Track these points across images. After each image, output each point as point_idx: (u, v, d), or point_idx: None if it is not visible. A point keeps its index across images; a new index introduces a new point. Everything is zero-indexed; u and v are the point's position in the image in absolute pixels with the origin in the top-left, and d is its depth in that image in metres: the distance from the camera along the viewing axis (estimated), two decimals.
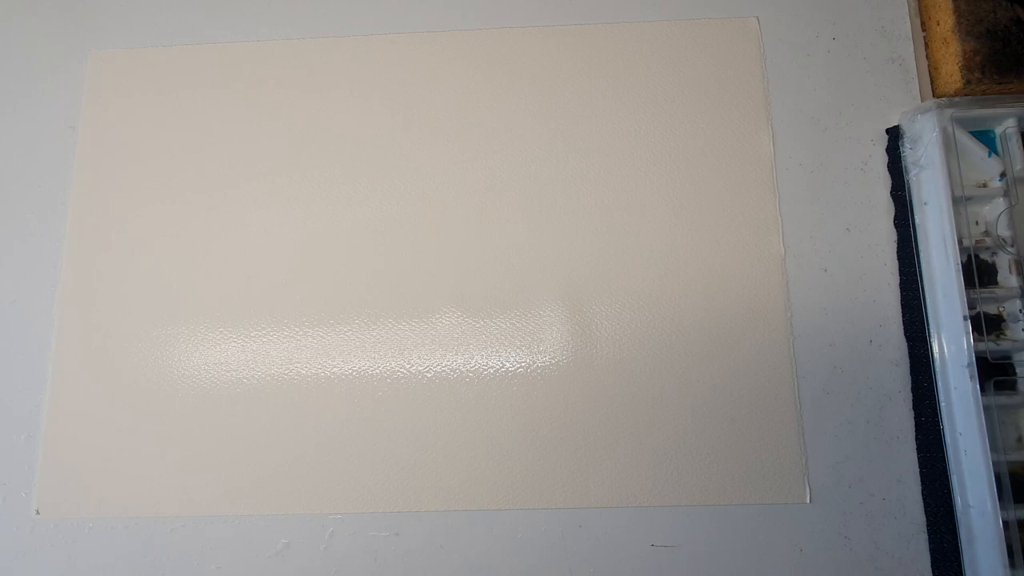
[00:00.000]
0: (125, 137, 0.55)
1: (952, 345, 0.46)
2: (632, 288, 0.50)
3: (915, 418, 0.48)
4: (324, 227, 0.52)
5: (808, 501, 0.47)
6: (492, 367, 0.50)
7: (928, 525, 0.46)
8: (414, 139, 0.53)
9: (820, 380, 0.48)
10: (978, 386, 0.45)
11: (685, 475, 0.47)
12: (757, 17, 0.54)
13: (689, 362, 0.49)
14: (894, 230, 0.50)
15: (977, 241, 0.49)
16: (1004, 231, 0.48)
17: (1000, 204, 0.49)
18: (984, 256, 0.49)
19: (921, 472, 0.47)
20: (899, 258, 0.50)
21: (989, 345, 0.46)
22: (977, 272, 0.48)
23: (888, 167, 0.51)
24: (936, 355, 0.47)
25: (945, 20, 0.51)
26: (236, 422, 0.49)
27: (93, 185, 0.54)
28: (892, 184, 0.51)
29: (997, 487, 0.43)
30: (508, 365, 0.49)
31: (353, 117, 0.54)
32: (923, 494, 0.46)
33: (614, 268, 0.50)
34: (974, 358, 0.45)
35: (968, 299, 0.46)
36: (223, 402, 0.50)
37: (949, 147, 0.48)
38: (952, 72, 0.50)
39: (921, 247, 0.49)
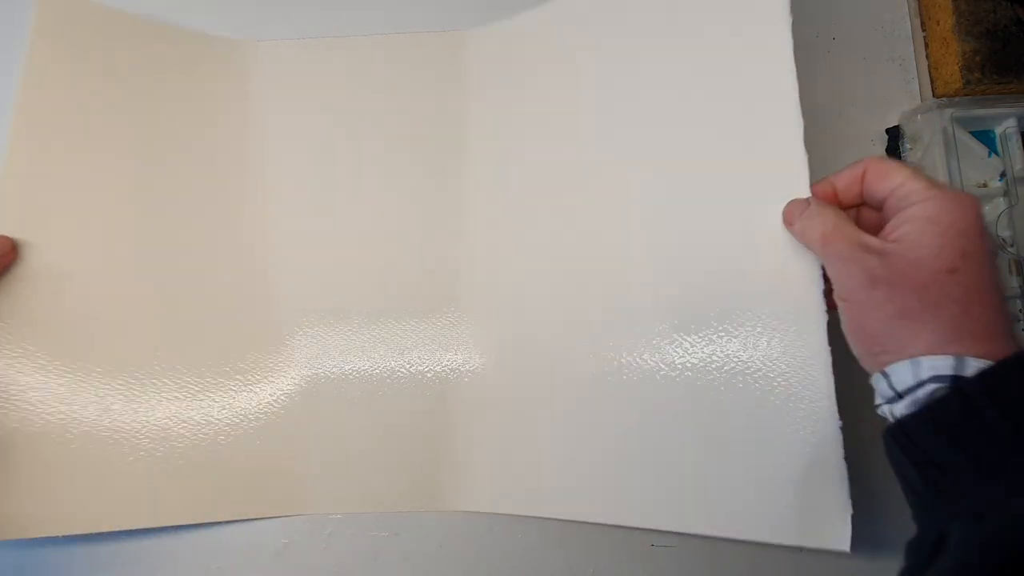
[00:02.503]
0: (72, 99, 0.51)
1: None
2: (638, 289, 0.48)
3: None
4: (320, 219, 0.52)
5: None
6: (492, 367, 0.49)
7: None
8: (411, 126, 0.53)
9: None
10: None
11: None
12: None
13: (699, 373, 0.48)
14: None
15: None
16: (1004, 231, 0.48)
17: (1000, 204, 0.49)
18: None
19: None
20: None
21: None
22: None
23: None
24: None
25: (945, 20, 0.51)
26: (233, 422, 0.49)
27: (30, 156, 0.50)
28: None
29: None
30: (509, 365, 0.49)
31: (343, 117, 0.53)
32: None
33: (618, 269, 0.49)
34: None
35: None
36: (218, 399, 0.49)
37: (949, 147, 0.48)
38: (952, 72, 0.50)
39: None
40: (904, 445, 0.31)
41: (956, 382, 0.30)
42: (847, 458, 0.38)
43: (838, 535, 0.38)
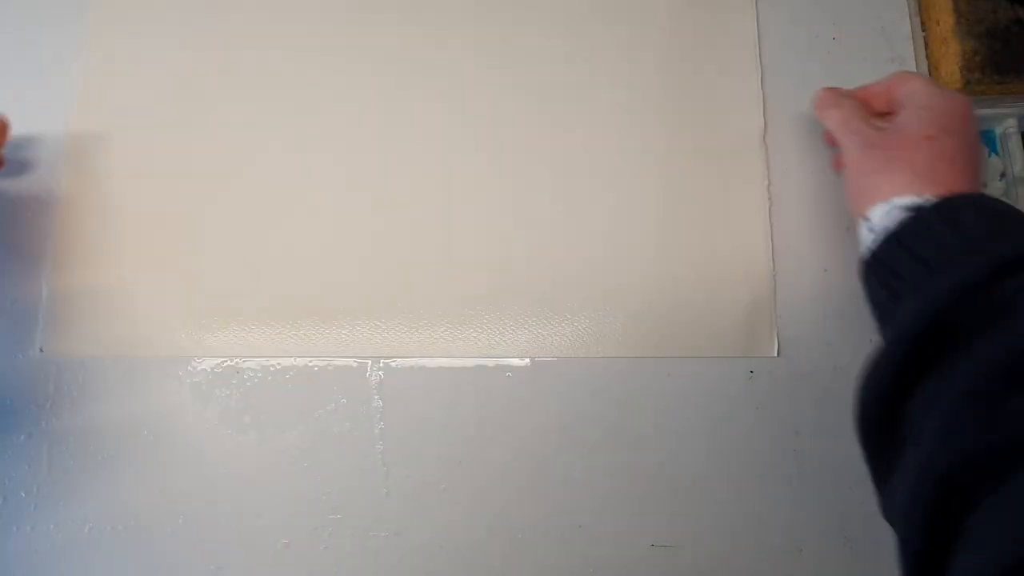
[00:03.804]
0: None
1: None
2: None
3: None
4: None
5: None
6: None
7: None
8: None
9: (821, 381, 0.48)
10: None
11: None
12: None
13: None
14: None
15: None
16: None
17: None
18: None
19: None
20: None
21: None
22: None
23: None
24: None
25: (945, 20, 0.51)
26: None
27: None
28: None
29: None
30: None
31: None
32: None
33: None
34: None
35: None
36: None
37: None
38: (952, 72, 0.50)
39: None
40: (874, 267, 0.38)
41: (916, 211, 0.37)
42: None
43: (768, 346, 0.48)
